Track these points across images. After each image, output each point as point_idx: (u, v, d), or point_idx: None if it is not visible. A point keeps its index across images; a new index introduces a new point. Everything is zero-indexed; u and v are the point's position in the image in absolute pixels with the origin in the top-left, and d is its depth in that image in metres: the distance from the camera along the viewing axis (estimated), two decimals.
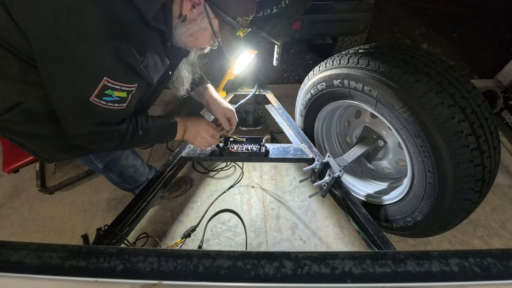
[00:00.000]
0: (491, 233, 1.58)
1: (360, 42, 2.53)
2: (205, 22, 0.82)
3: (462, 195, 0.98)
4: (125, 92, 0.76)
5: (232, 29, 0.85)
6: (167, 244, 1.48)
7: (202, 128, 1.13)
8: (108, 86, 0.72)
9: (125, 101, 0.78)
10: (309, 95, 1.40)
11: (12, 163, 1.48)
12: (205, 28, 0.84)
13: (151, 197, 1.16)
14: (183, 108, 2.27)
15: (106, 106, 0.75)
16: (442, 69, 0.98)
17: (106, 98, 0.74)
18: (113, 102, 0.76)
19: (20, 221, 1.61)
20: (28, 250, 0.39)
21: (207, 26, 0.83)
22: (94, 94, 0.71)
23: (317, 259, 0.39)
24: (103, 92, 0.72)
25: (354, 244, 1.50)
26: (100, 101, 0.73)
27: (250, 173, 1.83)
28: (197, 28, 0.84)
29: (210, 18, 0.81)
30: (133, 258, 0.38)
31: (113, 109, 0.77)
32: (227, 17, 0.81)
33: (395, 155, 1.36)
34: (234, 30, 0.85)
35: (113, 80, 0.72)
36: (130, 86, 0.76)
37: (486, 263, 0.38)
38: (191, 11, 0.80)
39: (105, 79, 0.70)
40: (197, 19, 0.82)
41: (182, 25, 0.83)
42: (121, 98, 0.77)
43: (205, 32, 0.86)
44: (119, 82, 0.73)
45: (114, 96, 0.75)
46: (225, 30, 0.85)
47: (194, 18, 0.82)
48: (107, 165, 1.20)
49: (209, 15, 0.81)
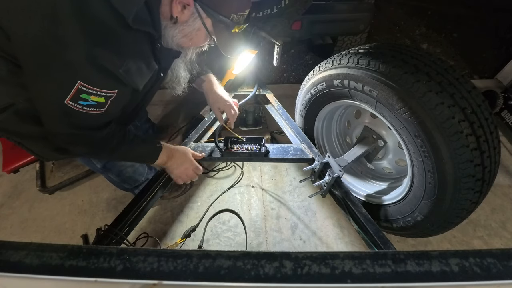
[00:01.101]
0: (491, 233, 1.58)
1: (360, 42, 2.53)
2: (197, 22, 0.81)
3: (462, 195, 0.98)
4: (102, 97, 0.74)
5: (226, 27, 0.83)
6: (167, 244, 1.48)
7: (188, 160, 1.13)
8: (83, 90, 0.70)
9: (103, 106, 0.76)
10: (309, 95, 1.40)
11: (12, 163, 1.48)
12: (198, 28, 0.82)
13: (151, 197, 1.16)
14: (183, 109, 2.27)
15: (81, 110, 0.74)
16: (442, 69, 0.98)
17: (81, 102, 0.72)
18: (89, 107, 0.74)
19: (20, 221, 1.61)
20: (28, 250, 0.39)
21: (200, 26, 0.82)
22: (68, 97, 0.70)
23: (317, 259, 0.39)
24: (77, 96, 0.71)
25: (354, 244, 1.50)
26: (75, 104, 0.72)
27: (250, 173, 1.83)
28: (190, 29, 0.82)
29: (203, 18, 0.80)
30: (133, 258, 0.38)
31: (90, 114, 0.76)
32: (220, 16, 0.79)
33: (395, 155, 1.36)
34: (229, 28, 0.83)
35: (88, 85, 0.70)
36: (107, 91, 0.74)
37: (486, 263, 0.38)
38: (182, 12, 0.78)
39: (79, 83, 0.68)
40: (189, 20, 0.80)
41: (174, 27, 0.81)
42: (98, 103, 0.75)
43: (199, 32, 0.84)
44: (95, 87, 0.71)
45: (91, 101, 0.73)
46: (220, 29, 0.83)
47: (186, 20, 0.80)
48: (105, 164, 1.20)
49: (201, 15, 0.79)
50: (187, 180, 1.16)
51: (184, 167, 1.13)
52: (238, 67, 1.57)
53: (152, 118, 2.00)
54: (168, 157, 1.08)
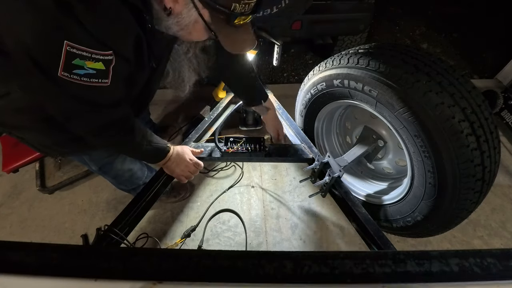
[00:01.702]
0: (491, 233, 1.58)
1: (360, 42, 2.53)
2: (193, 14, 0.71)
3: (462, 195, 0.98)
4: (100, 62, 0.64)
5: (227, 18, 0.71)
6: (167, 244, 1.48)
7: (188, 155, 1.12)
8: (74, 54, 0.60)
9: (106, 75, 0.66)
10: (309, 95, 1.40)
11: (12, 162, 1.48)
12: (195, 21, 0.73)
13: (151, 197, 1.16)
14: (183, 109, 2.27)
15: (81, 82, 0.64)
16: (442, 69, 0.98)
17: (77, 71, 0.62)
18: (89, 77, 0.64)
19: (20, 221, 1.61)
20: (28, 250, 0.39)
21: (197, 18, 0.72)
22: (60, 66, 0.60)
23: (317, 259, 0.39)
24: (70, 62, 0.60)
25: (354, 244, 1.50)
26: (70, 75, 0.62)
27: (250, 173, 1.83)
28: (187, 22, 0.73)
29: (199, 8, 0.70)
30: (133, 258, 0.38)
31: (93, 86, 0.66)
32: (217, 6, 0.67)
33: (395, 155, 1.36)
34: (230, 19, 0.72)
35: (77, 44, 0.59)
36: (102, 53, 0.63)
37: (486, 263, 0.38)
38: (175, 2, 0.69)
39: (66, 43, 0.58)
40: (183, 12, 0.71)
41: (168, 18, 0.73)
42: (98, 71, 0.65)
43: (197, 25, 0.74)
44: (86, 47, 0.60)
45: (88, 68, 0.63)
46: (219, 21, 0.72)
47: (180, 11, 0.71)
48: (101, 167, 1.18)
49: (196, 5, 0.69)
50: (190, 176, 1.15)
51: (184, 165, 1.12)
52: None
53: (152, 117, 2.00)
54: (167, 158, 1.07)
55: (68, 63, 0.61)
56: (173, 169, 1.10)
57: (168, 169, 1.11)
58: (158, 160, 1.05)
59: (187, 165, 1.13)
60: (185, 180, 1.15)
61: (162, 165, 1.09)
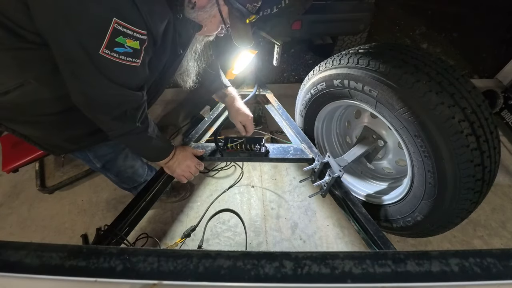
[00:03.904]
0: (491, 233, 1.58)
1: (360, 42, 2.53)
2: (214, 9, 0.80)
3: (462, 195, 0.98)
4: (137, 42, 0.67)
5: (241, 16, 0.81)
6: (167, 244, 1.48)
7: (188, 157, 1.13)
8: (119, 31, 0.63)
9: (139, 55, 0.70)
10: (309, 95, 1.40)
11: (12, 162, 1.48)
12: (214, 15, 0.82)
13: (151, 197, 1.16)
14: (183, 109, 2.27)
15: (119, 60, 0.67)
16: (442, 69, 0.98)
17: (118, 49, 0.65)
18: (126, 55, 0.67)
19: (20, 220, 1.61)
20: (28, 250, 0.39)
21: (216, 13, 0.81)
22: (104, 44, 0.62)
23: (317, 259, 0.39)
24: (113, 40, 0.63)
25: (354, 244, 1.50)
26: (111, 53, 0.65)
27: (250, 173, 1.83)
28: (206, 15, 0.81)
29: (220, 5, 0.79)
30: (133, 258, 0.38)
31: (128, 65, 0.69)
32: (237, 4, 0.78)
33: (395, 155, 1.36)
34: (244, 17, 0.82)
35: (124, 22, 0.62)
36: (141, 32, 0.67)
37: (486, 263, 0.38)
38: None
39: (114, 20, 0.61)
40: (206, 6, 0.79)
41: (191, 12, 0.80)
42: (134, 50, 0.68)
43: (214, 19, 0.83)
44: (130, 25, 0.64)
45: (127, 47, 0.66)
46: (235, 17, 0.83)
47: (204, 5, 0.79)
48: (105, 164, 1.19)
49: (218, 2, 0.79)
50: (190, 177, 1.16)
51: (185, 165, 1.12)
52: (238, 67, 1.57)
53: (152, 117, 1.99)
54: (170, 157, 1.08)
55: (112, 40, 0.63)
56: (174, 169, 1.11)
57: (170, 169, 1.12)
58: (162, 157, 1.05)
59: (188, 165, 1.13)
60: (185, 180, 1.16)
61: (164, 164, 1.10)
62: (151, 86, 0.95)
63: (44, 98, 0.78)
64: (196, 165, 1.16)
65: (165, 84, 1.03)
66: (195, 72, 1.07)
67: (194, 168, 1.15)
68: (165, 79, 1.00)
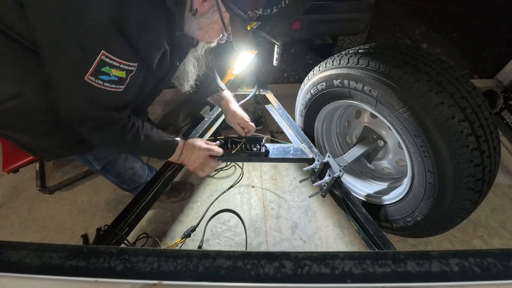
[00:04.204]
0: (491, 233, 1.58)
1: (360, 42, 2.53)
2: (216, 15, 0.81)
3: (462, 195, 0.98)
4: (124, 72, 0.70)
5: (243, 22, 0.83)
6: (167, 244, 1.48)
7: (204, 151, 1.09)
8: (106, 62, 0.66)
9: (123, 82, 0.73)
10: (309, 95, 1.40)
11: (12, 163, 1.48)
12: (215, 22, 0.82)
13: (151, 197, 1.16)
14: (183, 109, 2.27)
15: (101, 87, 0.69)
16: (442, 69, 0.98)
17: (102, 77, 0.68)
18: (110, 83, 0.70)
19: (20, 221, 1.61)
20: (28, 250, 0.39)
21: (218, 19, 0.82)
22: (89, 71, 0.65)
23: (317, 259, 0.39)
24: (99, 69, 0.66)
25: (354, 244, 1.50)
26: (96, 80, 0.67)
27: (250, 173, 1.83)
28: (208, 22, 0.82)
29: (221, 11, 0.80)
30: (133, 258, 0.38)
31: (109, 91, 0.72)
32: (239, 11, 0.78)
33: (395, 155, 1.36)
34: (245, 23, 0.83)
35: (112, 55, 0.65)
36: (130, 64, 0.70)
37: (486, 263, 0.38)
38: (202, 4, 0.78)
39: (102, 52, 0.64)
40: (208, 13, 0.80)
41: (192, 18, 0.80)
42: (119, 78, 0.71)
43: (215, 26, 0.84)
44: (118, 58, 0.67)
45: (112, 75, 0.69)
46: (236, 24, 0.83)
47: (205, 12, 0.80)
48: (105, 166, 1.19)
49: (220, 9, 0.79)
50: (210, 171, 1.14)
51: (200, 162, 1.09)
52: (238, 67, 1.57)
53: (152, 117, 2.00)
54: (182, 152, 1.05)
55: (98, 69, 0.66)
56: (192, 164, 1.08)
57: (186, 164, 1.09)
58: (170, 153, 1.03)
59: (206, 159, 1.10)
60: (204, 174, 1.14)
61: (177, 159, 1.06)
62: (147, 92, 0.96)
63: (39, 106, 0.79)
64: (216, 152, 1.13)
65: (163, 87, 1.03)
66: (194, 77, 1.07)
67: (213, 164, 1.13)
68: (162, 84, 1.01)
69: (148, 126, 0.95)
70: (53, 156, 1.01)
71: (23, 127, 0.85)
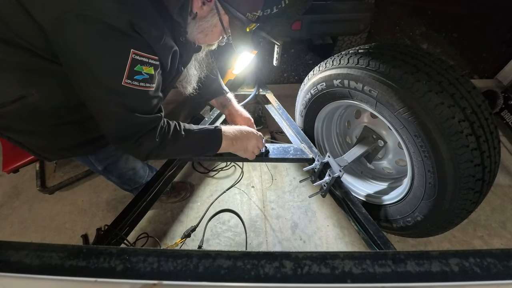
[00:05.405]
0: (491, 233, 1.58)
1: (360, 42, 2.53)
2: (215, 18, 0.82)
3: (462, 195, 0.98)
4: (152, 68, 0.73)
5: (242, 24, 0.84)
6: (167, 244, 1.48)
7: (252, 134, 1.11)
8: (137, 60, 0.69)
9: (154, 79, 0.76)
10: (309, 95, 1.40)
11: (12, 163, 1.48)
12: (215, 25, 0.84)
13: (151, 197, 1.16)
14: (183, 110, 2.27)
15: (138, 87, 0.73)
16: (442, 69, 0.98)
17: (137, 76, 0.71)
18: (145, 81, 0.73)
19: (20, 221, 1.61)
20: (28, 250, 0.39)
21: (217, 22, 0.83)
22: (125, 75, 0.69)
23: (317, 259, 0.39)
24: (133, 69, 0.69)
25: (354, 244, 1.50)
26: (132, 82, 0.71)
27: (250, 173, 1.83)
28: (208, 25, 0.83)
29: (221, 14, 0.81)
30: (133, 258, 0.38)
31: (145, 91, 0.75)
32: (238, 13, 0.80)
33: (395, 155, 1.36)
34: (244, 26, 0.84)
35: (140, 51, 0.69)
36: (154, 58, 0.73)
37: (486, 263, 0.38)
38: (201, 8, 0.79)
39: (132, 51, 0.67)
40: (207, 16, 0.81)
41: (192, 22, 0.82)
42: (150, 75, 0.74)
43: (215, 29, 0.85)
44: (145, 53, 0.70)
45: (144, 73, 0.72)
46: (235, 26, 0.85)
47: (205, 15, 0.81)
48: (106, 167, 1.19)
49: (219, 12, 0.80)
50: (258, 152, 1.17)
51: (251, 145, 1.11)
52: (238, 67, 1.57)
53: None
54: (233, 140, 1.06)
55: (132, 69, 0.69)
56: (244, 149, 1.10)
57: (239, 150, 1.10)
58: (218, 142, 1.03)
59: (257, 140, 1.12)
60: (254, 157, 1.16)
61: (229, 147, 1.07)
62: None
63: (44, 110, 0.80)
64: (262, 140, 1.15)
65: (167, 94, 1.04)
66: (196, 80, 1.09)
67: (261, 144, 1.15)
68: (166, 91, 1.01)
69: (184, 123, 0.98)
70: (55, 157, 1.01)
71: (25, 129, 0.85)
